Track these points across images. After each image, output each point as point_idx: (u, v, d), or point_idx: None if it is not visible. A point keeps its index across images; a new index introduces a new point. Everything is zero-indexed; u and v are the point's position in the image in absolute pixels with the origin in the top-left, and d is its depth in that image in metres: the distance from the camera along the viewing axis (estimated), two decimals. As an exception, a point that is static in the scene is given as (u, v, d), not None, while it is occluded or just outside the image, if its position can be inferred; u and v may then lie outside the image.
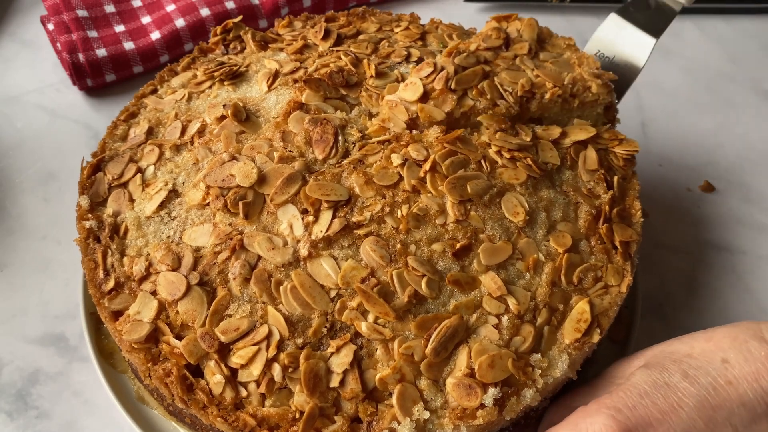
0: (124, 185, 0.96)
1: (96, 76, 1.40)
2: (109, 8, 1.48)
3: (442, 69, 1.00)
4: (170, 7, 1.48)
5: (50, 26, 1.44)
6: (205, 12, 1.47)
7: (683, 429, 0.77)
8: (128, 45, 1.42)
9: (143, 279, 0.87)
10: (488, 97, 1.00)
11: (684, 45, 1.33)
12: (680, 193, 1.31)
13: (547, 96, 1.02)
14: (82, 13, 1.44)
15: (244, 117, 0.98)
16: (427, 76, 1.00)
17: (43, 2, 1.45)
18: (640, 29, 1.16)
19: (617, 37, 1.17)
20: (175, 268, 0.87)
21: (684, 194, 1.31)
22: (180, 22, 1.45)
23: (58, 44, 1.42)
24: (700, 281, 1.18)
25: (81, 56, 1.38)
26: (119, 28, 1.45)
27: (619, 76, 1.12)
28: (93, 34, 1.42)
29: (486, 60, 1.05)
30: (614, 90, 1.08)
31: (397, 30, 1.16)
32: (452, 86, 0.99)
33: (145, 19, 1.48)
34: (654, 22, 1.16)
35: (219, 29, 1.17)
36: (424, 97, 0.98)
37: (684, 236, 1.24)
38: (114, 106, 1.40)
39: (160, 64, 1.44)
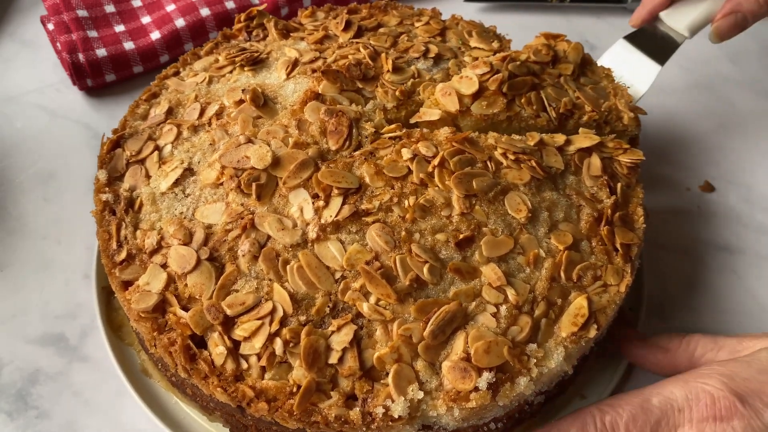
0: (142, 162, 0.99)
1: (96, 76, 1.40)
2: (109, 8, 1.48)
3: (497, 72, 1.04)
4: (170, 7, 1.49)
5: (50, 26, 1.45)
6: (205, 12, 1.47)
7: None
8: (128, 45, 1.43)
9: (154, 252, 0.90)
10: (534, 107, 1.04)
11: (684, 45, 1.33)
12: (680, 193, 1.31)
13: (585, 118, 1.06)
14: (82, 13, 1.44)
15: (262, 102, 1.00)
16: (483, 75, 1.04)
17: (43, 2, 1.45)
18: (646, 55, 1.22)
19: (625, 60, 1.22)
20: (187, 243, 0.89)
21: (684, 194, 1.31)
22: (180, 22, 1.45)
23: (58, 44, 1.42)
24: (700, 281, 1.18)
25: (81, 56, 1.38)
26: (119, 28, 1.46)
27: None
28: (93, 34, 1.42)
29: (534, 72, 1.09)
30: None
31: (417, 24, 1.19)
32: (504, 90, 1.03)
33: (145, 19, 1.48)
34: (660, 51, 1.23)
35: (243, 16, 1.20)
36: (478, 93, 1.03)
37: (684, 236, 1.25)
38: (114, 106, 1.41)
39: (160, 64, 1.45)
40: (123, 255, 0.91)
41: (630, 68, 1.21)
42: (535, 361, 0.83)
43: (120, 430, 1.01)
